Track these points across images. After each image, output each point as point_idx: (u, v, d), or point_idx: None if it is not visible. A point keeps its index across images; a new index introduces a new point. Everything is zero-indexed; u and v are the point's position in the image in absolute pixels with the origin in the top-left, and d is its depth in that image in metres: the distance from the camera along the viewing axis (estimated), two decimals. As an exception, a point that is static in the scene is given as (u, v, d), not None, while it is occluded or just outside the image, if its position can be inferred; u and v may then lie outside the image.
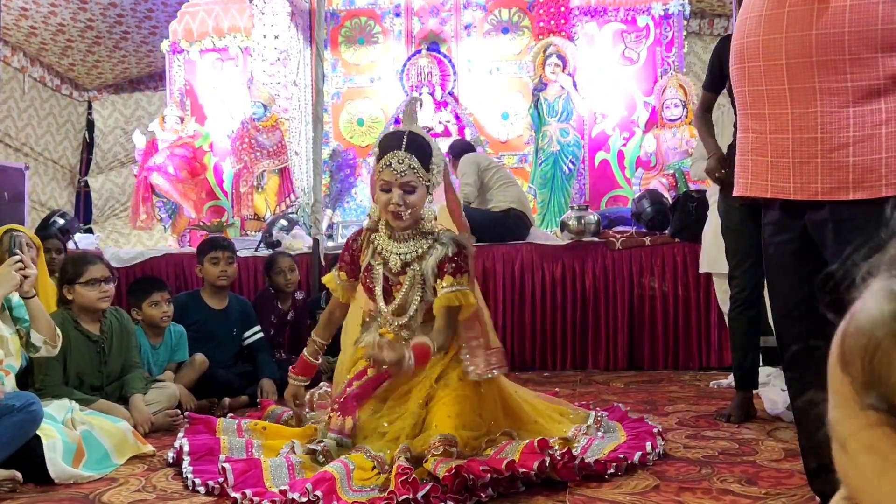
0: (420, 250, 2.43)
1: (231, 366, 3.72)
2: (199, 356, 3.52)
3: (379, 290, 2.46)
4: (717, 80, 3.07)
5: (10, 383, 2.49)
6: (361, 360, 2.47)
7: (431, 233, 2.44)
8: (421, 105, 5.83)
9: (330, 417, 2.45)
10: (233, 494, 2.08)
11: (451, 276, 2.36)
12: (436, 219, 2.48)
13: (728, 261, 3.05)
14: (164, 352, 3.51)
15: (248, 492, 2.06)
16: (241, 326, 3.81)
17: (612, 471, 2.24)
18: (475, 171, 4.79)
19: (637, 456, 2.32)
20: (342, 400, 2.41)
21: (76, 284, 2.93)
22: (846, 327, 0.38)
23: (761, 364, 3.86)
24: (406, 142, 2.34)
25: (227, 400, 3.43)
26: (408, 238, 2.44)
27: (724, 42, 3.21)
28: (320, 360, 2.73)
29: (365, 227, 2.56)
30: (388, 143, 2.39)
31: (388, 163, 2.34)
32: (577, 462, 2.17)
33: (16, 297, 2.57)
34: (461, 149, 5.14)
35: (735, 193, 2.01)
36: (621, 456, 2.30)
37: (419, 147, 2.36)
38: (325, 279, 2.71)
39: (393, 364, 2.18)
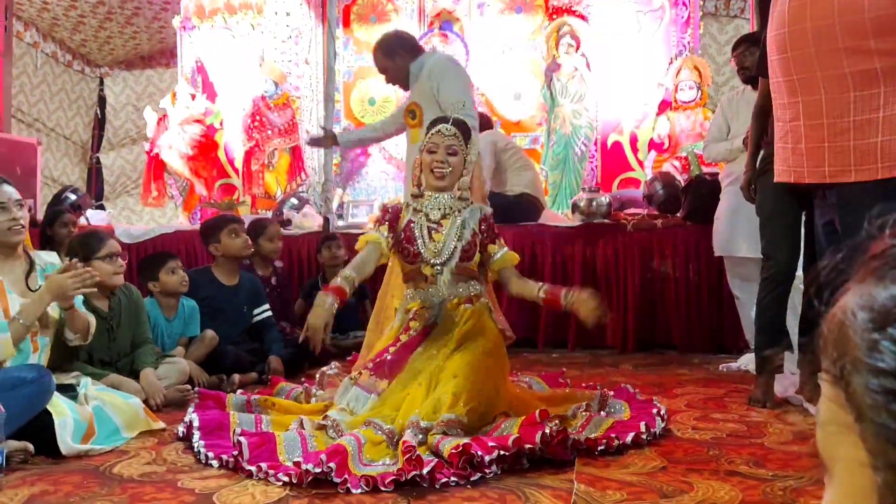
0: (458, 207, 2.71)
1: (239, 342, 3.74)
2: (210, 332, 3.54)
3: (420, 237, 2.67)
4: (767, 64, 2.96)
5: (38, 358, 2.51)
6: (396, 330, 2.66)
7: (466, 199, 2.74)
8: (464, 104, 5.82)
9: (360, 374, 2.56)
10: (248, 468, 2.09)
11: (492, 245, 2.70)
12: (469, 189, 2.80)
13: (762, 242, 2.96)
14: (178, 325, 3.54)
15: (264, 465, 2.07)
16: (250, 303, 3.83)
17: (602, 448, 2.25)
18: (492, 153, 4.68)
19: (630, 437, 2.32)
20: (378, 362, 2.56)
21: (94, 260, 2.94)
22: (828, 317, 0.43)
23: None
24: (452, 119, 2.74)
25: (236, 376, 3.45)
26: (446, 197, 2.73)
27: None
28: (348, 292, 2.58)
29: (412, 194, 2.79)
30: (437, 120, 2.78)
31: (437, 129, 2.70)
32: (569, 441, 2.19)
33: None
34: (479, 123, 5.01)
35: (775, 180, 2.08)
36: (613, 436, 2.31)
37: (461, 125, 2.74)
38: (363, 238, 2.72)
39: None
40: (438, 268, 2.64)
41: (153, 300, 3.48)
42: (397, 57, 3.64)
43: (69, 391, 2.49)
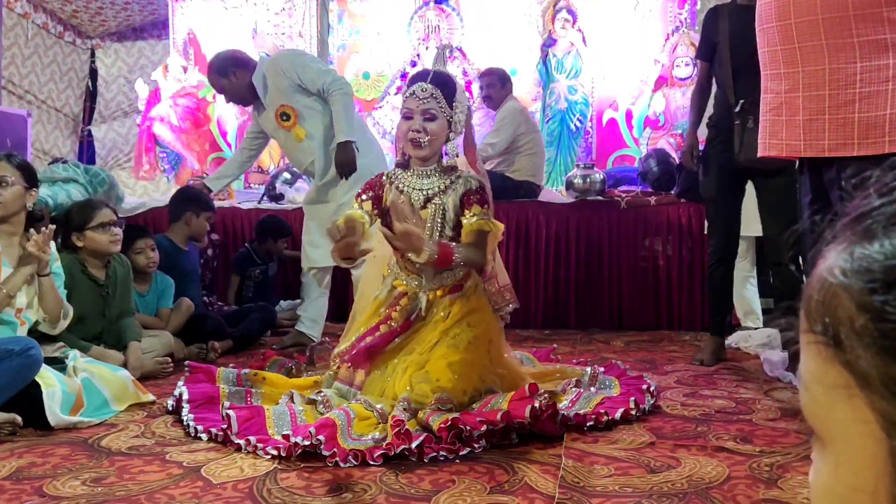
0: (443, 185, 2.44)
1: (204, 305, 3.84)
2: (186, 301, 3.56)
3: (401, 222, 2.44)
4: (708, 48, 3.26)
5: (23, 333, 2.51)
6: (375, 315, 2.51)
7: (454, 169, 2.47)
8: (451, 52, 5.63)
9: (339, 368, 2.49)
10: (237, 441, 2.09)
11: (478, 206, 2.40)
12: (458, 156, 2.51)
13: (707, 222, 3.36)
14: (152, 299, 3.55)
15: (252, 438, 2.08)
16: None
17: (591, 423, 2.25)
18: (512, 132, 4.54)
19: (619, 412, 2.33)
20: (354, 352, 2.45)
21: (87, 230, 2.94)
22: (810, 282, 0.41)
23: (762, 326, 3.88)
24: (432, 76, 2.42)
25: (216, 343, 3.48)
26: (430, 174, 2.47)
27: (714, 11, 3.37)
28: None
29: (395, 164, 2.57)
30: (415, 77, 2.47)
31: (412, 91, 2.40)
32: (558, 416, 2.19)
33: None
34: (507, 78, 4.94)
35: (759, 154, 2.06)
36: (602, 411, 2.31)
37: (443, 82, 2.42)
38: (346, 215, 2.43)
39: (413, 241, 2.19)
40: (422, 263, 2.41)
41: None
42: (232, 75, 3.62)
43: (57, 363, 2.49)
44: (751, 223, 3.34)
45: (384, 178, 2.55)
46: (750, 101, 2.95)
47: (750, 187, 3.21)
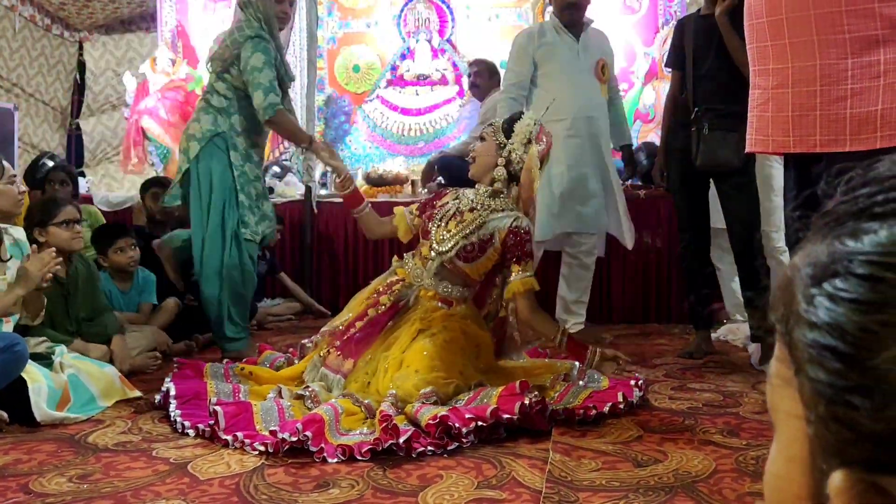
0: (492, 204, 2.57)
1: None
2: (172, 300, 3.56)
3: (439, 219, 2.61)
4: (679, 57, 3.29)
5: (8, 330, 2.49)
6: (368, 299, 2.63)
7: (500, 195, 2.58)
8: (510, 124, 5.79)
9: (328, 352, 2.50)
10: (224, 437, 2.09)
11: (517, 265, 2.49)
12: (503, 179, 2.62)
13: (678, 218, 3.37)
14: (134, 295, 3.54)
15: (240, 434, 2.07)
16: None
17: (579, 417, 2.26)
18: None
19: (607, 407, 2.33)
20: (345, 339, 2.50)
21: (49, 226, 2.91)
22: (780, 277, 0.43)
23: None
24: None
25: (199, 336, 3.48)
26: (485, 190, 2.61)
27: (681, 21, 3.45)
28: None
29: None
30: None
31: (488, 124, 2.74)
32: (547, 411, 2.19)
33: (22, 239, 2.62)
34: (495, 71, 5.04)
35: (747, 150, 2.06)
36: (591, 405, 2.31)
37: (510, 122, 2.65)
38: (396, 210, 2.81)
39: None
40: (434, 255, 2.57)
41: (106, 274, 3.45)
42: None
43: (43, 360, 2.47)
44: None
45: (450, 189, 2.78)
46: (705, 108, 3.06)
47: None
